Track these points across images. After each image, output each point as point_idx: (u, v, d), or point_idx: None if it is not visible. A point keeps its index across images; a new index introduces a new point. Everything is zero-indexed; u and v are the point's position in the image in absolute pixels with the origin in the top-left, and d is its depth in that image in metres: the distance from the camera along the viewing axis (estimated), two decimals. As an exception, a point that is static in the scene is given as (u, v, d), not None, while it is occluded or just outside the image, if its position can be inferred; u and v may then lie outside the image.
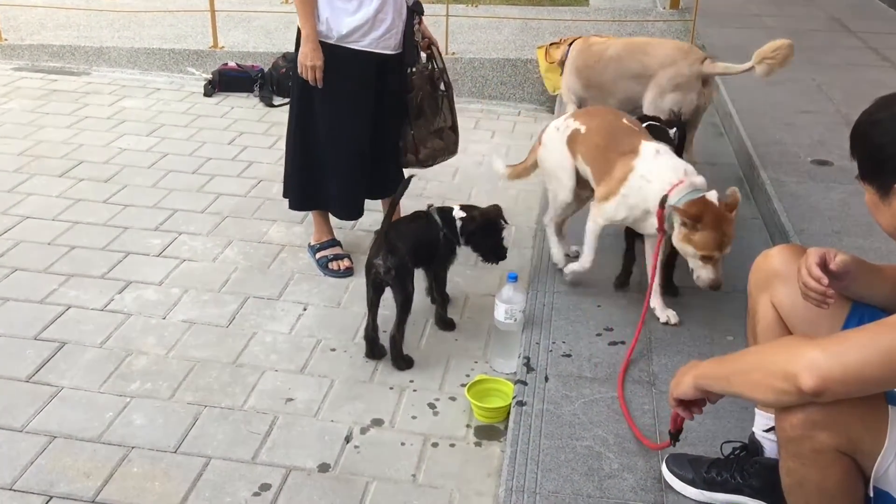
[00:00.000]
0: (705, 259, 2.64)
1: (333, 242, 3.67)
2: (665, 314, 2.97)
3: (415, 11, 3.39)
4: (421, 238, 3.03)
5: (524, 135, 5.36)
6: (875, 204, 1.61)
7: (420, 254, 3.00)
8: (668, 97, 3.75)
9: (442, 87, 3.59)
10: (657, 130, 3.35)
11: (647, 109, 3.80)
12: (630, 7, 7.97)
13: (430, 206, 3.19)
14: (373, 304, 2.97)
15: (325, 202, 3.57)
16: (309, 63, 3.21)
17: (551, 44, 5.80)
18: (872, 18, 7.00)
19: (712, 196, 2.67)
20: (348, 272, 3.56)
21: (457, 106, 3.71)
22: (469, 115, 5.66)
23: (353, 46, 3.22)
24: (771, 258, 1.93)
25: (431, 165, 3.63)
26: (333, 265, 3.57)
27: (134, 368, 2.89)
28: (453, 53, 6.06)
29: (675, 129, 3.45)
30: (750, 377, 1.55)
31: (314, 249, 3.66)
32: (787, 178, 3.81)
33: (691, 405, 1.77)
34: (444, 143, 3.62)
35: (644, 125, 3.26)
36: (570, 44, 4.44)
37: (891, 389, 1.54)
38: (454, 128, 3.66)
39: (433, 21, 6.56)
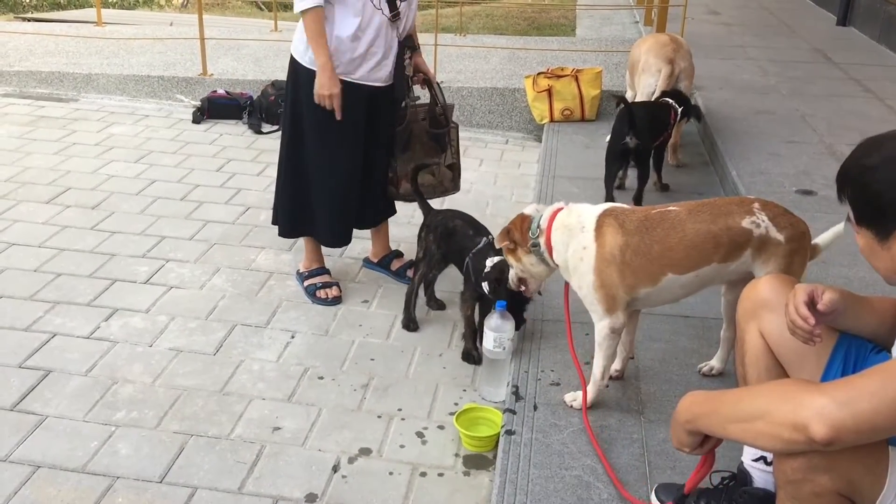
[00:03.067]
0: None
1: (322, 270, 3.66)
2: (573, 396, 2.70)
3: (406, 46, 3.41)
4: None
5: (512, 163, 5.39)
6: (872, 248, 1.61)
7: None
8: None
9: (443, 123, 3.59)
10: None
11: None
12: (616, 37, 8.07)
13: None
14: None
15: (314, 230, 3.57)
16: (327, 92, 3.22)
17: (539, 73, 5.89)
18: (854, 50, 7.11)
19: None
20: (336, 300, 3.56)
21: (443, 134, 3.72)
22: (457, 143, 5.69)
23: (344, 78, 3.25)
24: (759, 287, 1.93)
25: (416, 201, 3.54)
26: (321, 293, 3.56)
27: (119, 397, 2.87)
28: (442, 82, 6.07)
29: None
30: (753, 426, 1.51)
31: (302, 277, 3.65)
32: (772, 207, 3.84)
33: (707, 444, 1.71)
34: (437, 180, 3.61)
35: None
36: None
37: None
38: (452, 166, 3.64)
39: (422, 50, 6.63)
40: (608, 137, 4.20)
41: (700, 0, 9.04)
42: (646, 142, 4.05)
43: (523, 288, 2.76)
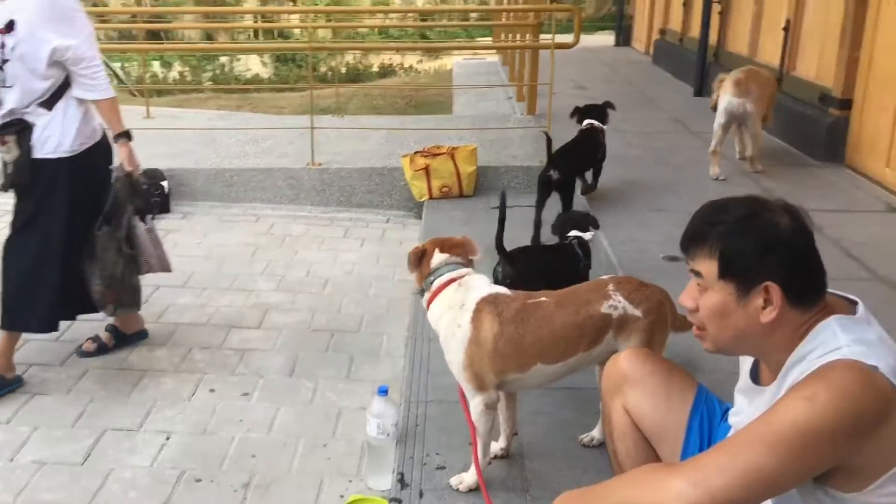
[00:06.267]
0: None
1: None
2: (458, 479, 2.66)
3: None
4: None
5: (394, 241, 5.42)
6: (726, 306, 1.64)
7: None
8: None
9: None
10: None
11: None
12: (491, 114, 8.33)
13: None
14: None
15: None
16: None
17: (416, 152, 5.99)
18: (710, 119, 7.56)
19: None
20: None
21: (325, 216, 3.72)
22: (338, 224, 5.70)
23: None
24: (619, 363, 1.98)
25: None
26: None
27: (-26, 521, 2.65)
28: (319, 164, 6.13)
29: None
30: None
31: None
32: (642, 274, 3.96)
33: None
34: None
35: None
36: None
37: None
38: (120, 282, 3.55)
39: (300, 133, 6.66)
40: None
41: (568, 76, 9.47)
42: (567, 175, 4.72)
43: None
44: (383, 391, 2.84)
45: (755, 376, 1.79)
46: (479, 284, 2.60)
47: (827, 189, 5.39)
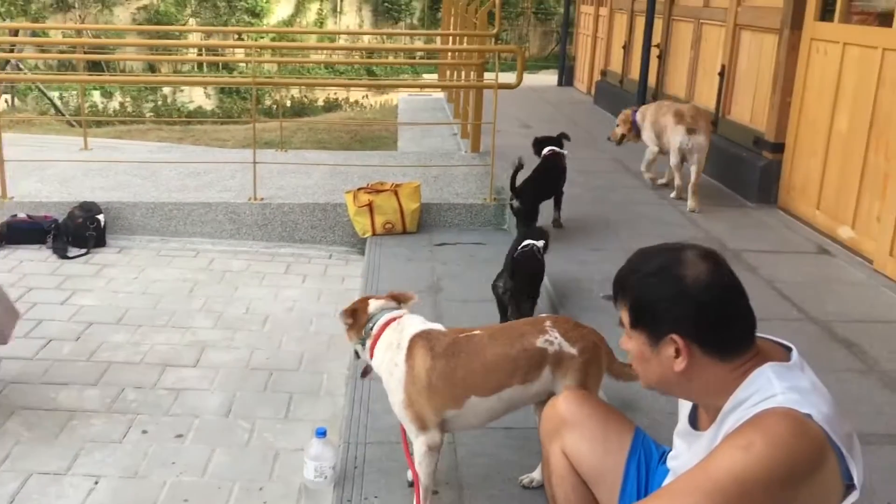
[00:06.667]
0: None
1: None
2: None
3: None
4: None
5: (336, 278, 5.37)
6: (643, 353, 1.70)
7: None
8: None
9: None
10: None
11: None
12: (436, 150, 8.38)
13: None
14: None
15: None
16: None
17: (359, 189, 5.98)
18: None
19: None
20: None
21: (266, 251, 3.68)
22: (280, 259, 5.63)
23: None
24: (557, 406, 1.99)
25: None
26: None
27: None
28: (262, 199, 6.07)
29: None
30: None
31: None
32: (582, 313, 4.02)
33: None
34: None
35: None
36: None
37: None
38: None
39: (242, 167, 6.59)
40: None
41: (513, 114, 9.59)
42: (527, 203, 5.09)
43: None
44: (321, 433, 2.79)
45: (693, 420, 1.82)
46: (414, 323, 2.64)
47: (761, 230, 5.53)
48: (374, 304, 2.70)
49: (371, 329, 2.65)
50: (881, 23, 4.92)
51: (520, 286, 3.87)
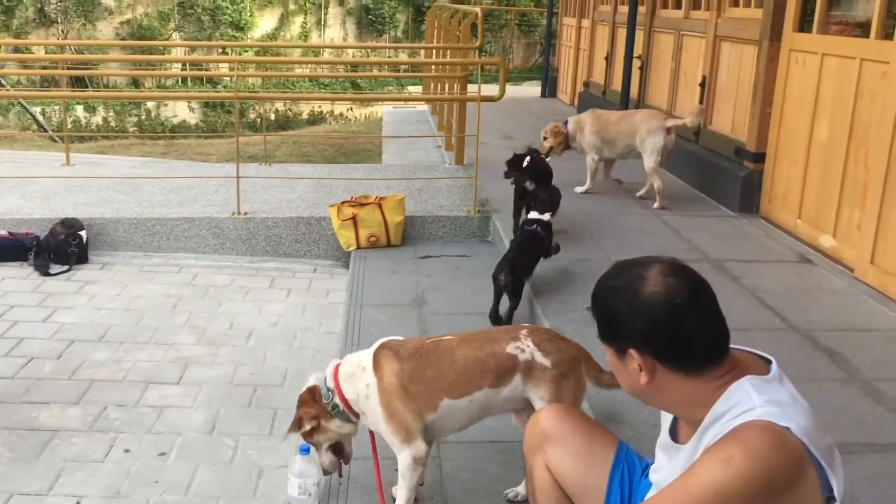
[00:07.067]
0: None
1: None
2: None
3: None
4: None
5: (320, 292, 5.36)
6: (615, 364, 1.72)
7: None
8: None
9: None
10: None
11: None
12: (420, 163, 8.39)
13: None
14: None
15: None
16: None
17: (343, 202, 5.98)
18: (630, 169, 7.78)
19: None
20: None
21: (250, 266, 3.67)
22: (264, 274, 5.61)
23: None
24: (540, 421, 1.99)
25: None
26: None
27: None
28: (245, 213, 6.05)
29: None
30: None
31: None
32: (566, 325, 4.03)
33: None
34: None
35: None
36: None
37: None
38: None
39: (225, 182, 6.58)
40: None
41: (496, 126, 9.63)
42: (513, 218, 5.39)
43: (341, 461, 2.76)
44: (305, 450, 2.78)
45: (674, 432, 1.82)
46: (362, 351, 2.66)
47: (743, 239, 5.57)
48: (312, 380, 2.68)
49: (328, 388, 2.60)
50: (859, 33, 4.98)
51: (519, 274, 4.25)
